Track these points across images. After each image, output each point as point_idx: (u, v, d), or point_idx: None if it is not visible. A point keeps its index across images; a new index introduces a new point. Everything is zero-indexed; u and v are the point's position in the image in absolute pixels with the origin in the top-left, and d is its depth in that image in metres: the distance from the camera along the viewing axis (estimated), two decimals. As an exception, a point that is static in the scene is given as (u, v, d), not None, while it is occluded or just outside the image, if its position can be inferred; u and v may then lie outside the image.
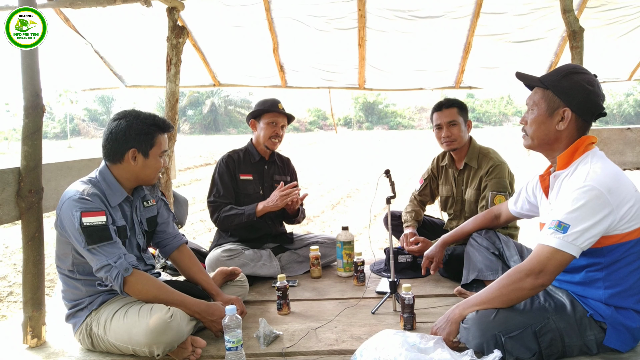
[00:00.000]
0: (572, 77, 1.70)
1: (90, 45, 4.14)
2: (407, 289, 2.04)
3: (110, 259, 1.80)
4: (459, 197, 2.94)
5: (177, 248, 2.24)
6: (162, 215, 2.22)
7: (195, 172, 14.10)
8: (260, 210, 2.78)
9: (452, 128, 2.79)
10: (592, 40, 3.69)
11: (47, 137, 41.45)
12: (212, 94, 47.22)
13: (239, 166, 2.98)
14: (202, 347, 1.87)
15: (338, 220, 6.93)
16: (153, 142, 1.97)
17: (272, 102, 2.99)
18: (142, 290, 1.85)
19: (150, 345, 1.76)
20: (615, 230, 1.60)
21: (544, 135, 1.74)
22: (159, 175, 2.07)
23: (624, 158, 3.37)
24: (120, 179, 1.98)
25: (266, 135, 2.95)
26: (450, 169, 2.98)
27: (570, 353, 1.67)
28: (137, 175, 2.00)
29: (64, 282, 1.97)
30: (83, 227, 1.77)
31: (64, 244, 1.90)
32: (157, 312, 1.78)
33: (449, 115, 2.80)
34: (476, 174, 2.80)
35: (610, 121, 39.15)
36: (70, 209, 1.81)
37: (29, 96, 2.01)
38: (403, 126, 49.26)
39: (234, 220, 2.80)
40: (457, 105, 2.83)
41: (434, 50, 4.17)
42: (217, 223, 2.88)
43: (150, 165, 1.99)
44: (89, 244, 1.78)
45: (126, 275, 1.81)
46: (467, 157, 2.85)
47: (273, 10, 3.86)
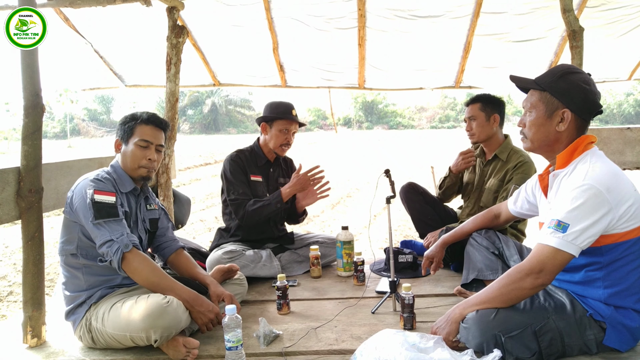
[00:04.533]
0: (568, 77, 1.70)
1: (90, 45, 4.14)
2: (407, 289, 2.04)
3: (113, 235, 1.87)
4: (479, 186, 3.01)
5: (175, 251, 2.28)
6: (162, 221, 2.29)
7: (195, 171, 14.11)
8: (286, 194, 2.79)
9: (471, 123, 2.95)
10: (592, 40, 3.69)
11: (47, 136, 41.47)
12: (212, 94, 47.24)
13: (249, 166, 2.96)
14: (195, 347, 1.85)
15: (338, 219, 6.93)
16: (132, 131, 2.08)
17: (286, 108, 2.92)
18: (137, 268, 1.89)
19: (147, 330, 1.76)
20: (614, 230, 1.60)
21: (544, 137, 1.74)
22: (144, 166, 2.08)
23: (624, 158, 3.37)
24: (125, 169, 2.11)
25: (277, 143, 2.91)
26: (479, 158, 3.07)
27: (570, 352, 1.67)
28: (125, 165, 2.10)
29: (65, 271, 2.01)
30: (94, 202, 1.88)
31: (72, 225, 1.97)
32: (154, 297, 1.82)
33: (470, 111, 2.96)
34: (503, 166, 2.88)
35: (610, 121, 39.18)
36: (84, 187, 1.94)
37: (29, 96, 2.01)
38: (403, 126, 49.29)
39: (263, 211, 2.77)
40: (481, 100, 2.94)
41: (434, 49, 4.17)
42: (245, 219, 2.79)
43: (130, 152, 2.07)
44: (97, 218, 1.87)
45: (125, 251, 1.86)
46: (499, 150, 2.93)
47: (273, 9, 3.86)
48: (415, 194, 3.19)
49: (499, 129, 2.97)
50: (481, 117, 2.91)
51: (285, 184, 2.96)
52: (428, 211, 3.14)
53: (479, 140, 2.97)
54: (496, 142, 2.95)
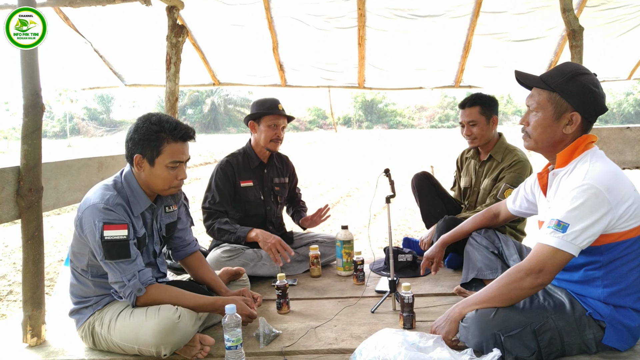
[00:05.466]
0: (578, 79, 1.66)
1: (90, 44, 4.14)
2: (407, 288, 2.04)
3: (125, 277, 1.79)
4: (476, 188, 2.99)
5: (191, 254, 2.25)
6: (182, 221, 2.20)
7: (195, 171, 14.10)
8: (252, 237, 2.69)
9: (472, 127, 2.85)
10: (592, 39, 3.69)
11: (47, 136, 41.44)
12: (212, 93, 47.23)
13: (239, 173, 2.91)
14: (210, 344, 1.88)
15: (338, 219, 6.93)
16: (160, 150, 1.84)
17: (272, 103, 2.89)
18: (154, 304, 1.84)
19: (158, 346, 1.76)
20: (614, 229, 1.60)
21: (549, 138, 1.72)
22: (174, 187, 1.93)
23: (624, 157, 3.37)
24: (142, 186, 1.92)
25: (267, 138, 2.88)
26: (474, 160, 3.04)
27: (570, 352, 1.67)
28: (148, 184, 1.91)
29: (75, 277, 1.96)
30: (103, 241, 1.75)
31: (82, 244, 1.87)
32: (164, 312, 1.77)
33: (470, 115, 2.85)
34: (498, 166, 2.85)
35: (609, 120, 39.18)
36: (93, 217, 1.78)
37: (29, 95, 2.00)
38: (403, 125, 49.28)
39: (224, 235, 2.75)
40: (479, 104, 2.84)
41: (434, 49, 4.17)
42: (209, 231, 2.81)
43: (157, 174, 1.87)
44: (107, 258, 1.77)
45: (139, 295, 1.81)
46: (493, 150, 2.89)
47: (273, 9, 3.86)
48: (429, 184, 3.11)
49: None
50: (482, 120, 2.84)
51: (279, 184, 3.00)
52: (438, 204, 3.06)
53: (480, 144, 2.91)
54: (492, 143, 2.91)
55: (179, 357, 1.86)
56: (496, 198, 2.70)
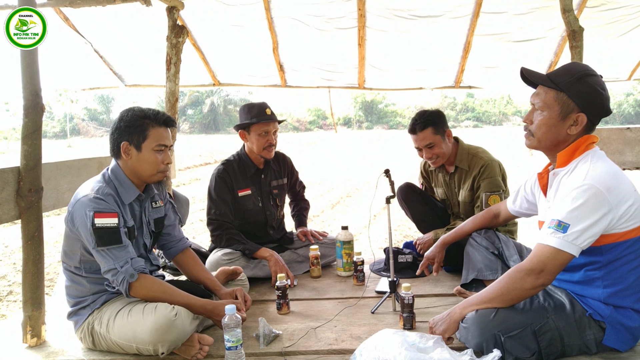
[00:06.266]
0: (587, 80, 1.65)
1: (90, 45, 4.14)
2: (407, 289, 2.04)
3: (117, 263, 1.80)
4: (455, 200, 2.95)
5: (182, 251, 2.25)
6: (169, 217, 2.22)
7: (195, 171, 14.11)
8: (260, 255, 2.72)
9: (431, 149, 2.76)
10: (592, 40, 3.69)
11: (47, 136, 41.44)
12: (212, 94, 47.21)
13: (236, 181, 2.86)
14: (209, 344, 1.88)
15: (338, 219, 6.93)
16: (146, 135, 1.92)
17: (259, 109, 2.79)
18: (147, 295, 1.85)
19: (155, 344, 1.77)
20: (614, 229, 1.60)
21: (553, 137, 1.71)
22: (161, 171, 1.99)
23: (624, 158, 3.37)
24: (129, 176, 1.97)
25: (260, 147, 2.81)
26: (441, 173, 2.99)
27: (570, 352, 1.67)
28: (136, 171, 1.96)
29: (69, 278, 1.97)
30: (95, 228, 1.78)
31: (74, 240, 1.89)
32: (161, 311, 1.78)
33: (425, 139, 2.74)
34: (468, 175, 2.80)
35: (610, 121, 39.11)
36: (83, 207, 1.81)
37: (29, 95, 2.01)
38: (403, 126, 49.21)
39: (233, 244, 2.75)
40: (430, 124, 2.72)
41: (434, 49, 4.17)
42: (219, 240, 2.78)
43: (145, 159, 1.93)
44: (99, 245, 1.79)
45: (131, 280, 1.81)
46: (457, 160, 2.83)
47: (273, 9, 3.86)
48: (414, 193, 3.12)
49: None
50: (438, 140, 2.73)
51: (277, 186, 3.00)
52: (427, 211, 3.08)
53: (445, 160, 2.83)
54: (453, 154, 2.84)
55: (178, 357, 1.86)
56: (482, 209, 2.62)
